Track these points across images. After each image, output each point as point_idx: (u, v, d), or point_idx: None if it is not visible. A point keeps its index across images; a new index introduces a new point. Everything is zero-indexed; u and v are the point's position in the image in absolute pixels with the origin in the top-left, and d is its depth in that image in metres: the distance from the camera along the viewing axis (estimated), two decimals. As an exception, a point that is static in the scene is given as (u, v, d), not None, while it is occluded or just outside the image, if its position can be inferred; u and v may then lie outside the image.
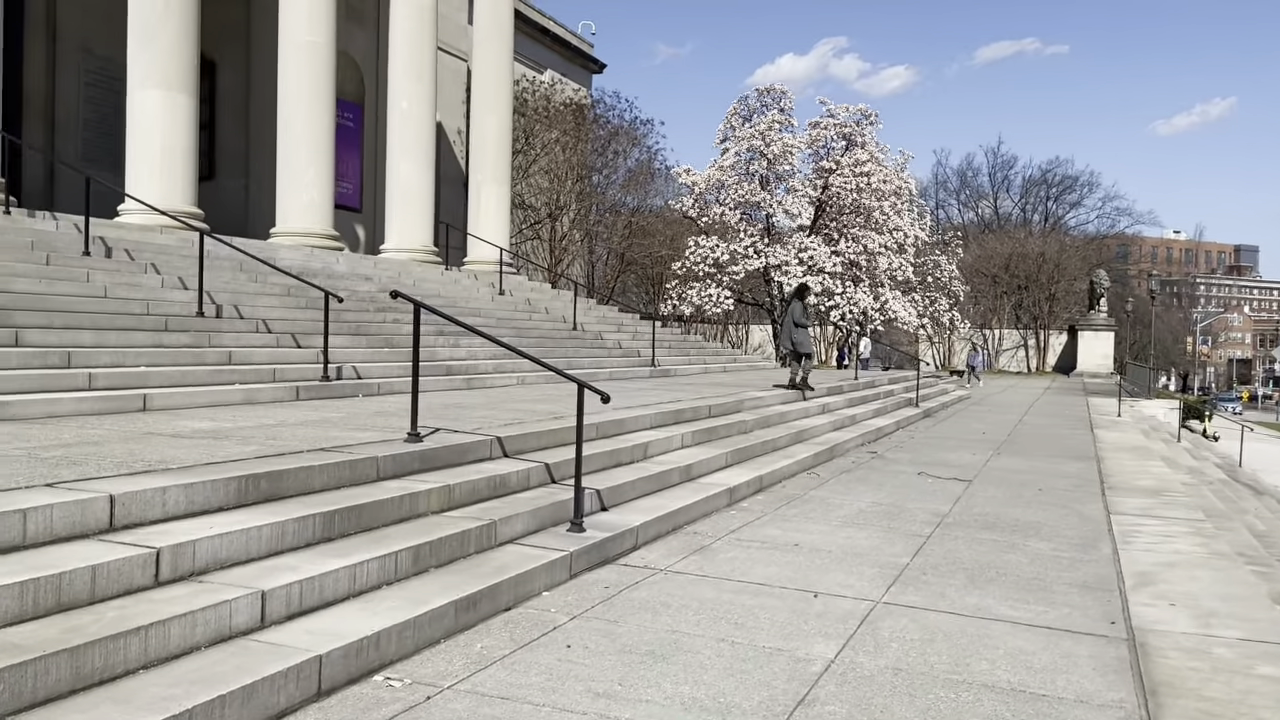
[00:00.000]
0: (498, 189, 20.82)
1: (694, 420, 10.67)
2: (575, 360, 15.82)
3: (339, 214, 20.55)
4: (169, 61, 13.41)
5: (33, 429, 6.43)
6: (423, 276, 17.05)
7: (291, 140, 15.93)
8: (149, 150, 13.46)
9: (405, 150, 18.32)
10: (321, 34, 15.96)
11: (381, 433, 7.11)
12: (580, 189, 32.27)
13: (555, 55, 36.44)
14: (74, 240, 11.13)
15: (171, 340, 9.69)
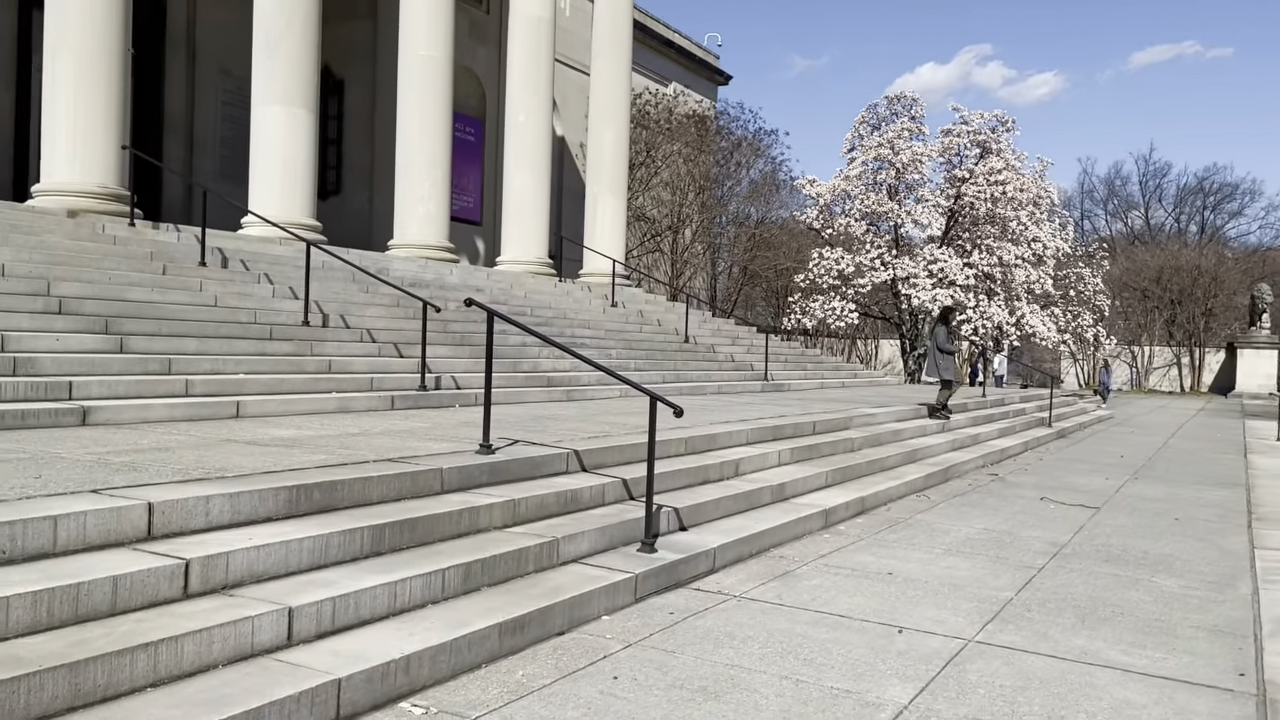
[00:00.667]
0: (613, 201, 20.73)
1: (794, 437, 10.21)
2: (683, 373, 15.51)
3: (459, 227, 20.88)
4: (289, 77, 13.78)
5: (117, 434, 6.53)
6: (535, 288, 17.06)
7: (409, 153, 16.19)
8: (270, 164, 13.85)
9: (521, 162, 18.42)
10: (439, 48, 16.18)
11: (458, 444, 6.96)
12: (702, 201, 32.01)
13: (680, 68, 36.35)
14: (192, 251, 11.49)
15: (274, 349, 9.84)
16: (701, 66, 37.98)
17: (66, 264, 9.66)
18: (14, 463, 5.09)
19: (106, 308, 9.02)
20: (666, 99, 31.67)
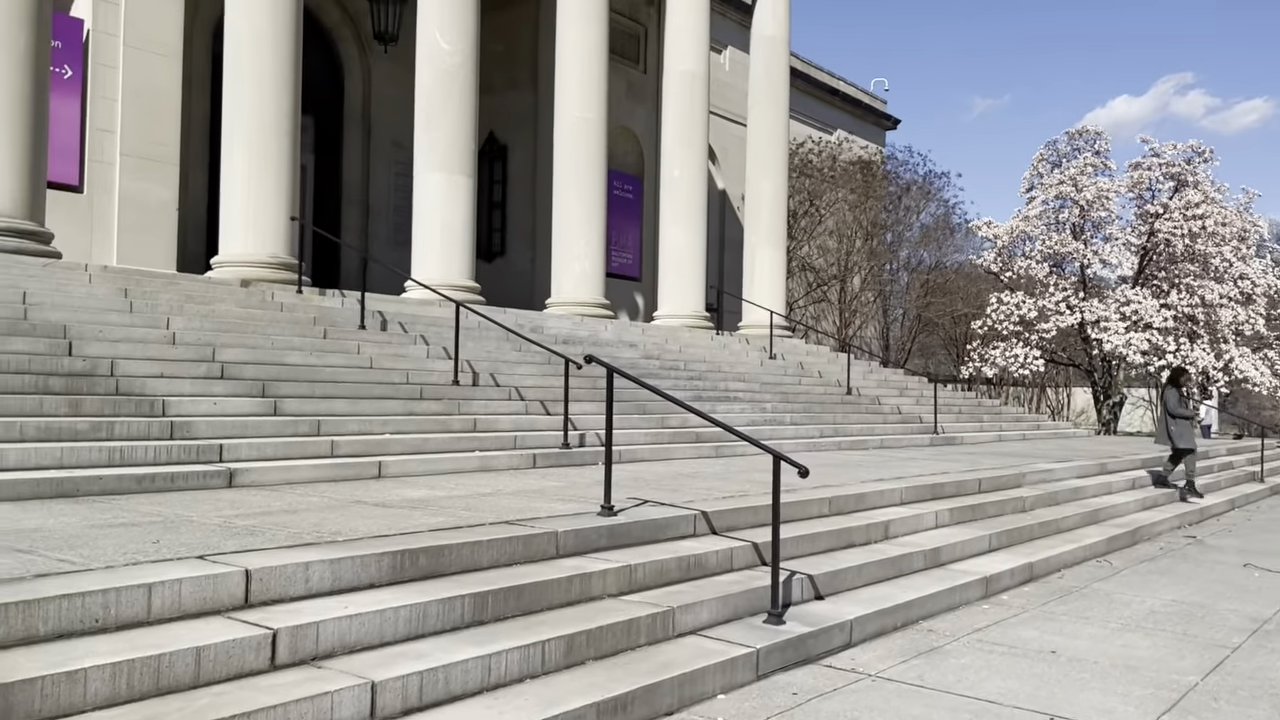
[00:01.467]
0: (772, 252, 20.42)
1: (956, 496, 9.51)
2: (842, 427, 14.91)
3: (619, 283, 21.05)
4: (448, 147, 14.27)
5: (255, 496, 6.69)
6: (690, 342, 16.89)
7: (564, 213, 16.44)
8: (430, 229, 14.33)
9: (676, 217, 18.42)
10: (592, 110, 16.44)
11: (583, 504, 6.77)
12: (870, 247, 31.19)
13: (844, 115, 35.82)
14: (354, 316, 11.93)
15: (422, 408, 10.01)
16: (868, 112, 37.31)
17: (233, 331, 10.17)
18: (143, 527, 5.24)
19: (265, 371, 9.40)
20: (830, 146, 31.19)
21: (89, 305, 9.43)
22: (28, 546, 4.52)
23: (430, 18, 14.36)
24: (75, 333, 8.64)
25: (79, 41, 13.18)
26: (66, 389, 7.72)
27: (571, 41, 16.51)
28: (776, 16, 20.59)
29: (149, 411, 7.87)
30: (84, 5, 13.37)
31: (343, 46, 19.84)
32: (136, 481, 6.63)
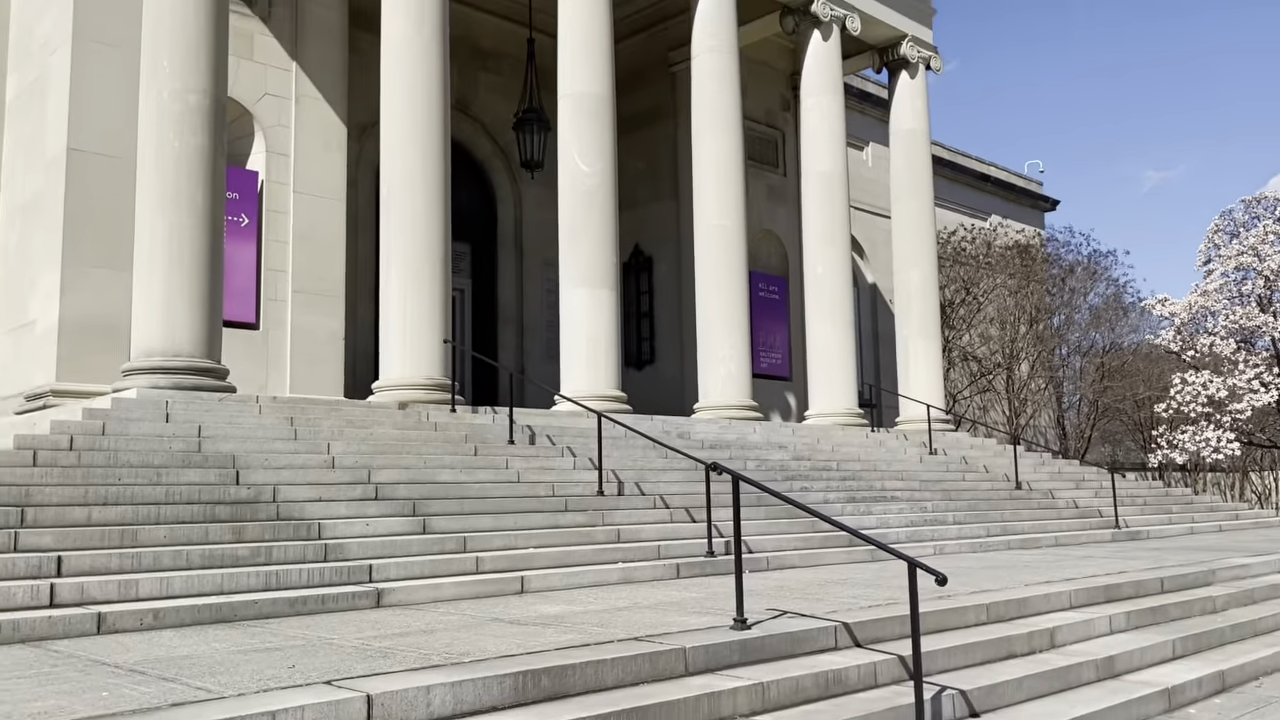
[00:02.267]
0: (926, 344, 19.89)
1: (1134, 597, 8.79)
2: (1011, 525, 14.11)
3: (768, 383, 20.90)
4: (590, 263, 14.70)
5: (398, 616, 6.84)
6: (843, 440, 16.50)
7: (708, 318, 16.56)
8: (576, 342, 14.68)
9: (822, 314, 18.26)
10: (730, 217, 16.65)
11: (720, 617, 6.60)
12: (1036, 332, 29.93)
13: (998, 199, 35.03)
14: (504, 431, 12.25)
15: (567, 520, 10.09)
16: (1023, 195, 36.36)
17: (388, 452, 10.60)
18: (284, 651, 5.42)
19: (416, 490, 9.72)
20: (984, 232, 30.45)
21: (257, 435, 10.04)
22: (173, 674, 4.74)
23: (570, 143, 15.00)
24: (243, 462, 9.21)
25: (254, 191, 14.40)
26: (231, 516, 8.18)
27: (707, 152, 16.88)
28: (914, 110, 20.50)
29: (305, 535, 8.24)
30: (259, 158, 14.64)
31: (494, 176, 20.92)
32: (289, 604, 6.90)
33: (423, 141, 12.96)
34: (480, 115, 20.49)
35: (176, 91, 10.90)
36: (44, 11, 13.41)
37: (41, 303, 12.64)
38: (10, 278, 13.74)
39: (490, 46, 20.50)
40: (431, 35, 13.11)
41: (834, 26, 18.90)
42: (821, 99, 18.80)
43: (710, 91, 16.97)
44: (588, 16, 15.05)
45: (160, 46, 11.00)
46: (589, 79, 15.00)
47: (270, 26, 14.57)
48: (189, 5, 11.00)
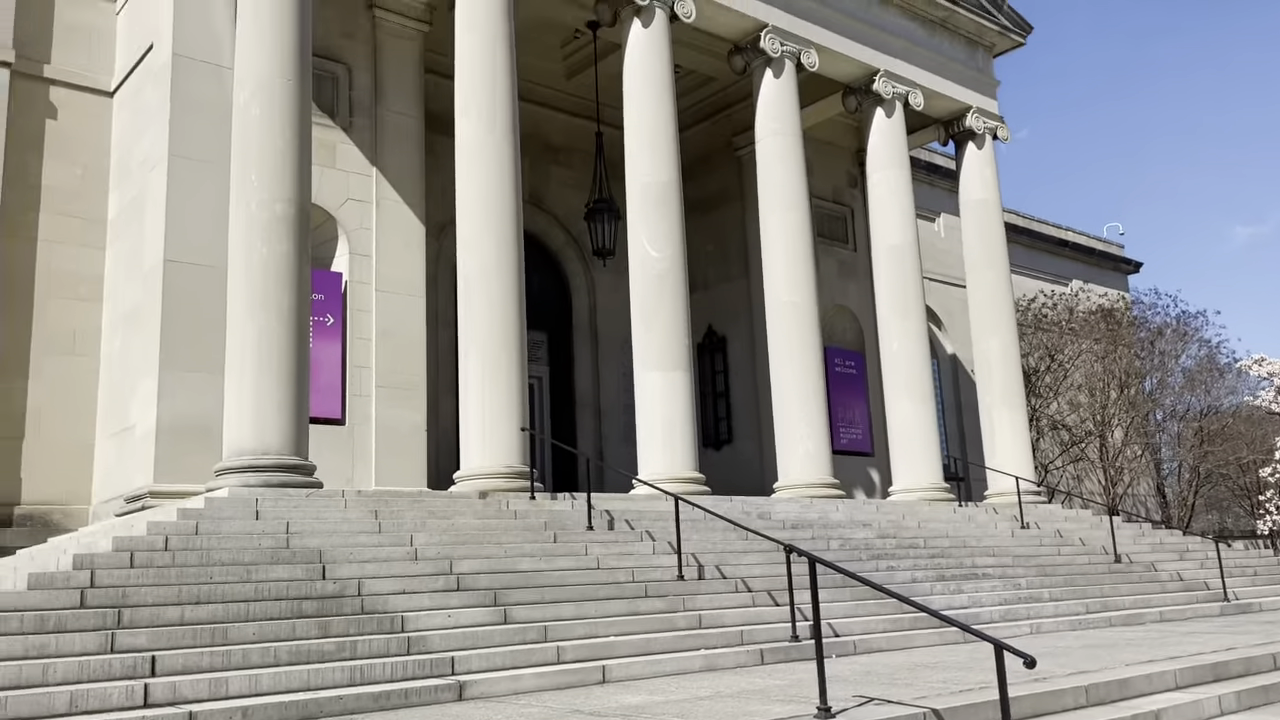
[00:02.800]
0: (1010, 414, 19.46)
1: (1245, 675, 8.36)
2: (1111, 600, 13.57)
3: (850, 460, 20.62)
4: (663, 346, 14.85)
5: (478, 709, 6.86)
6: (929, 516, 16.14)
7: (783, 396, 16.51)
8: (652, 425, 14.75)
9: (900, 388, 18.05)
10: (800, 293, 16.70)
11: (803, 705, 6.46)
12: (1128, 398, 29.04)
13: (1078, 264, 34.46)
14: (583, 517, 12.28)
15: (647, 607, 10.03)
16: (1103, 259, 35.70)
17: (470, 542, 10.72)
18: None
19: (497, 580, 9.79)
20: (1065, 298, 29.91)
21: (342, 529, 10.26)
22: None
23: (639, 230, 15.29)
24: (329, 556, 9.41)
25: (339, 292, 14.95)
26: (318, 611, 8.34)
27: (775, 231, 17.03)
28: (984, 180, 20.45)
29: (389, 628, 8.35)
30: (342, 260, 15.23)
31: (568, 265, 21.38)
32: (373, 699, 6.98)
33: (497, 236, 13.34)
34: (553, 207, 21.05)
35: (264, 202, 11.47)
36: (143, 133, 14.30)
37: (140, 407, 13.20)
38: (113, 385, 14.41)
39: (560, 142, 21.15)
40: (503, 136, 13.60)
41: (896, 103, 19.06)
42: (888, 174, 18.89)
43: (775, 173, 17.19)
44: (652, 110, 15.47)
45: (249, 161, 11.62)
46: (655, 168, 15.35)
47: (351, 135, 15.28)
48: (275, 122, 11.64)
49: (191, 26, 13.79)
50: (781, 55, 17.30)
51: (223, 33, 13.85)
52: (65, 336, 14.68)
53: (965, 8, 20.28)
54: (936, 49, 20.10)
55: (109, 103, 15.55)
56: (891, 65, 19.06)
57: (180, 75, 13.58)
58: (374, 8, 15.66)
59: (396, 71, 15.78)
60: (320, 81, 14.60)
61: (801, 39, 17.63)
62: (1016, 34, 21.30)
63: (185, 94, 13.57)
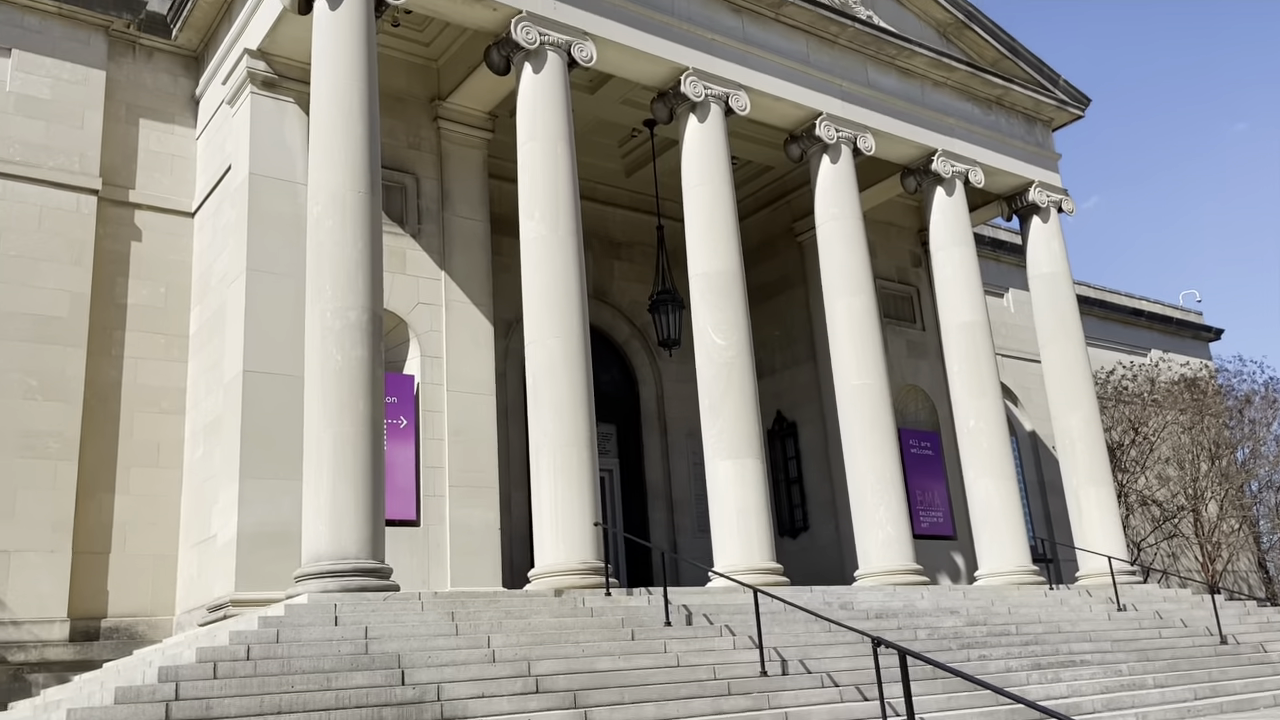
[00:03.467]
0: (1097, 490, 18.82)
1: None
2: (1221, 684, 12.85)
3: (931, 544, 20.05)
4: (733, 434, 14.73)
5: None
6: (1020, 602, 15.54)
7: (859, 481, 16.21)
8: (726, 515, 14.55)
9: (980, 468, 17.59)
10: (870, 376, 16.51)
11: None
12: (1220, 469, 27.96)
13: (1156, 334, 33.62)
14: (660, 612, 12.07)
15: (730, 705, 9.76)
16: (1182, 327, 34.79)
17: (547, 642, 10.58)
18: None
19: (575, 681, 9.62)
20: (1144, 369, 29.13)
21: (420, 632, 10.21)
22: None
23: (703, 318, 15.34)
24: (407, 661, 9.35)
25: (411, 394, 15.19)
26: (398, 718, 8.26)
27: (841, 314, 16.95)
28: (1051, 253, 20.21)
29: (469, 733, 8.22)
30: (414, 362, 15.50)
31: (634, 357, 21.49)
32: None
33: (563, 333, 13.49)
34: (617, 300, 21.28)
35: (338, 310, 11.78)
36: (222, 250, 14.89)
37: (221, 516, 13.45)
38: (195, 495, 14.73)
39: (622, 237, 21.48)
40: (566, 235, 13.86)
41: (956, 181, 19.03)
42: (952, 252, 18.77)
43: (837, 256, 17.19)
44: (711, 202, 15.66)
45: (323, 271, 11.99)
46: (717, 257, 15.46)
47: (420, 241, 15.70)
48: (347, 233, 12.03)
49: (266, 146, 14.43)
50: (837, 141, 17.46)
51: (296, 150, 14.47)
52: (150, 449, 15.11)
53: (1020, 84, 20.33)
54: (994, 126, 20.12)
55: (190, 223, 16.28)
56: (949, 144, 19.10)
57: (256, 193, 14.18)
58: (439, 119, 16.23)
59: (462, 178, 16.25)
60: (389, 191, 15.09)
61: (857, 124, 17.79)
62: (1074, 107, 21.24)
63: (261, 210, 14.14)
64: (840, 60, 17.99)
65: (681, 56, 15.86)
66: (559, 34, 14.50)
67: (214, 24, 16.15)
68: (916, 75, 19.02)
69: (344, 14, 12.84)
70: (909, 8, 19.57)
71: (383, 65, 14.69)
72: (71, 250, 15.04)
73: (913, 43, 18.67)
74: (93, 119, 15.68)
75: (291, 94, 14.69)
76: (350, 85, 12.60)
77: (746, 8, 16.85)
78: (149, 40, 16.46)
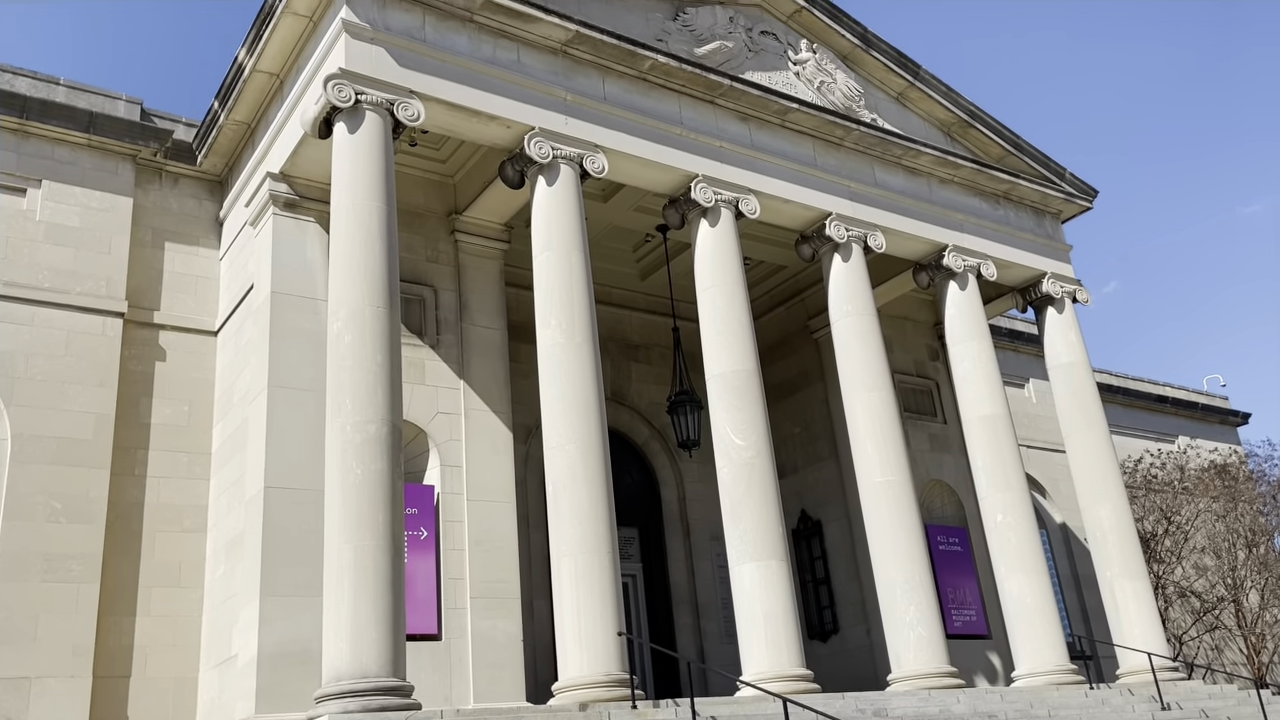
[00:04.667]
0: (1132, 583, 18.37)
1: None
2: (1277, 787, 12.27)
3: (964, 644, 19.54)
4: (756, 535, 14.54)
5: None
6: (1059, 703, 15.04)
7: (886, 580, 15.90)
8: (752, 620, 14.25)
9: (1010, 564, 17.25)
10: (894, 472, 16.36)
11: None
12: (1258, 558, 27.30)
13: (1182, 420, 33.27)
14: (688, 725, 11.75)
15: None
16: (1209, 412, 34.43)
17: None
18: None
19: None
20: (1173, 456, 28.75)
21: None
22: None
23: (722, 419, 15.32)
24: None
25: (431, 505, 15.13)
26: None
27: (860, 411, 16.89)
28: (1069, 343, 20.18)
29: None
30: (434, 473, 15.49)
31: (654, 459, 21.39)
32: None
33: (582, 439, 13.48)
34: (635, 403, 21.30)
35: (358, 424, 11.86)
36: (244, 367, 15.09)
37: (242, 636, 13.30)
38: (215, 614, 14.62)
39: (639, 340, 21.63)
40: (582, 340, 13.98)
41: (969, 275, 19.16)
42: (969, 345, 18.77)
43: (854, 352, 17.21)
44: (725, 303, 15.80)
45: (343, 386, 12.11)
46: (733, 358, 15.51)
47: (439, 352, 15.87)
48: (367, 347, 12.19)
49: (288, 265, 14.75)
50: (848, 240, 17.67)
51: (317, 267, 14.77)
52: (171, 569, 15.07)
53: (1026, 179, 20.61)
54: (1003, 220, 20.34)
55: (213, 341, 16.55)
56: (959, 240, 19.29)
57: (278, 310, 14.43)
58: (456, 233, 16.58)
59: (479, 289, 16.50)
60: (408, 304, 15.34)
61: (866, 223, 18.02)
62: (1082, 199, 21.48)
63: (283, 327, 14.37)
64: (847, 162, 18.34)
65: (691, 164, 16.22)
66: (571, 148, 14.89)
67: (238, 149, 16.69)
68: (923, 173, 19.34)
69: (363, 136, 13.27)
70: (912, 109, 20.03)
71: (401, 182, 15.11)
72: (97, 372, 15.28)
73: (917, 142, 19.04)
74: (119, 244, 16.11)
75: (312, 213, 15.07)
76: (369, 204, 12.93)
77: (753, 115, 17.28)
78: (175, 167, 17.02)
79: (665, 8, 17.16)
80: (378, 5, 13.91)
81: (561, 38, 15.21)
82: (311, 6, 14.09)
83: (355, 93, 13.27)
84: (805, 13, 18.58)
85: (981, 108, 20.33)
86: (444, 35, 14.40)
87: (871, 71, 19.53)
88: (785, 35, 18.56)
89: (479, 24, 14.70)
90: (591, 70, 15.65)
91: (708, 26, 17.37)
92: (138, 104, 16.87)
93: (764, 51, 18.09)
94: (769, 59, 18.11)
